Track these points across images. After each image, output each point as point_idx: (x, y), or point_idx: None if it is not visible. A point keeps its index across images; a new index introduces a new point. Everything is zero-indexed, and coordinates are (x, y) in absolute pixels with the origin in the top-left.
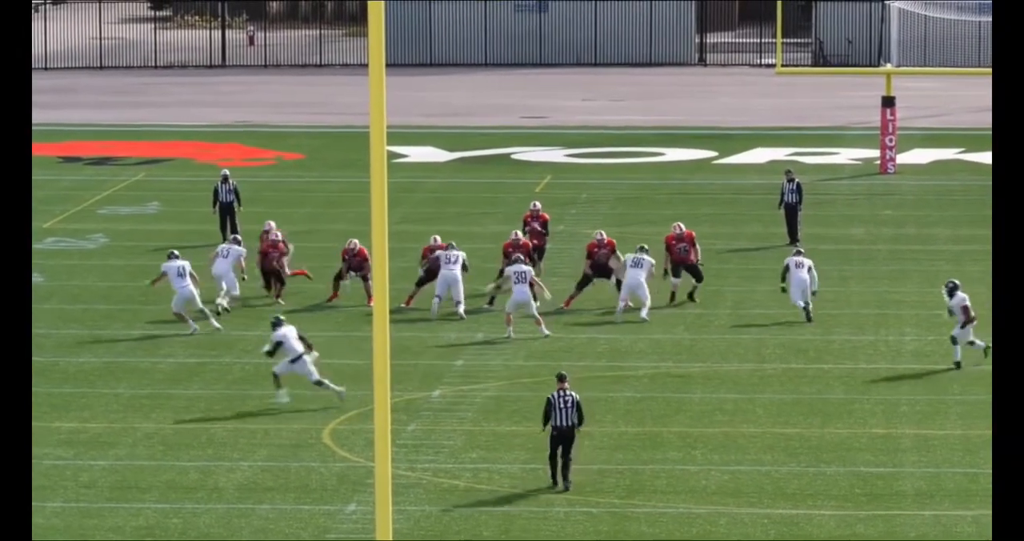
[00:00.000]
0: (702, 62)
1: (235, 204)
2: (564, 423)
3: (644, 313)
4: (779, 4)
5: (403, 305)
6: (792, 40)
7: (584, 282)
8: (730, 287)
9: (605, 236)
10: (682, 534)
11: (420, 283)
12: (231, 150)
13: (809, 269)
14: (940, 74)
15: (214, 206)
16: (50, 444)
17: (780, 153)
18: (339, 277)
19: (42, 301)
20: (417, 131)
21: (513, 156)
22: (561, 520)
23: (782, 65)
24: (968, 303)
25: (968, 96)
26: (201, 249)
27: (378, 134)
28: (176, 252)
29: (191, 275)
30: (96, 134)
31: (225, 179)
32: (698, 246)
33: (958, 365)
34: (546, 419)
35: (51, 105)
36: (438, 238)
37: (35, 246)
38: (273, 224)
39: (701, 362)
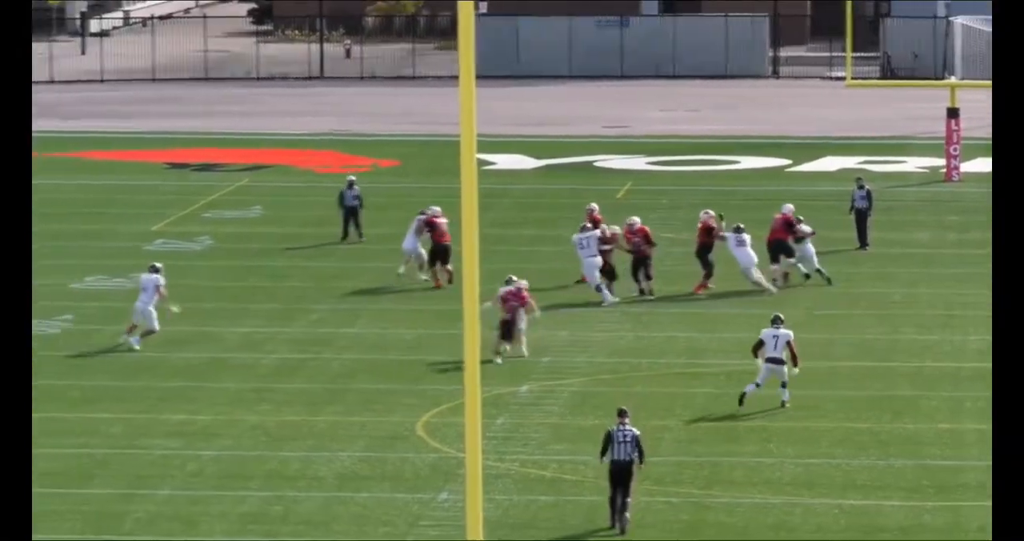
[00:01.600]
0: (775, 75)
1: (359, 208)
2: (623, 457)
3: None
4: (848, 20)
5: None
6: (861, 54)
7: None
8: (803, 289)
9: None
10: (758, 523)
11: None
12: (329, 157)
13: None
14: None
15: (340, 209)
16: (159, 435)
17: (850, 161)
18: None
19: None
20: (505, 139)
21: (596, 163)
22: (642, 510)
23: (851, 78)
24: None
25: None
26: (305, 250)
27: (468, 142)
28: (158, 266)
29: (159, 290)
30: (202, 142)
31: (351, 185)
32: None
33: None
34: (603, 451)
35: (159, 114)
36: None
37: (144, 248)
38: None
39: None
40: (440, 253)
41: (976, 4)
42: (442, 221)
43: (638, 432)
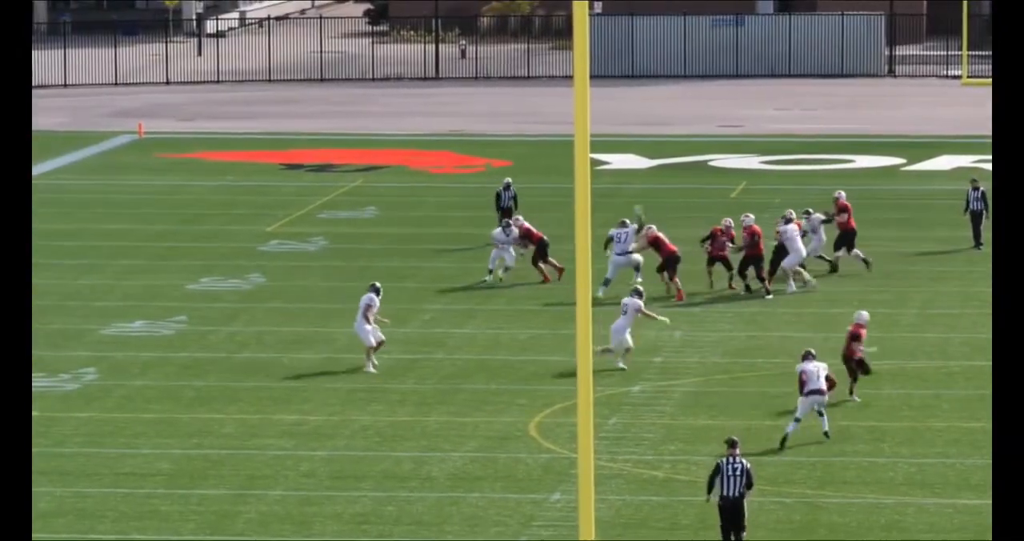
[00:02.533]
0: (891, 73)
1: (513, 209)
2: (732, 493)
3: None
4: (965, 18)
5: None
6: (978, 52)
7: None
8: (917, 288)
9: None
10: (871, 523)
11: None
12: (443, 158)
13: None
14: None
15: (497, 210)
16: (272, 435)
17: (965, 160)
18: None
19: (265, 300)
20: (619, 139)
21: (710, 163)
22: (755, 510)
23: (968, 76)
24: None
25: None
26: (418, 251)
27: (582, 142)
28: (377, 285)
29: (370, 309)
30: (317, 142)
31: (507, 187)
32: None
33: None
34: (710, 486)
35: (275, 115)
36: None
37: (259, 248)
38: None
39: (889, 360)
40: (540, 249)
41: None
42: (525, 224)
43: (749, 464)
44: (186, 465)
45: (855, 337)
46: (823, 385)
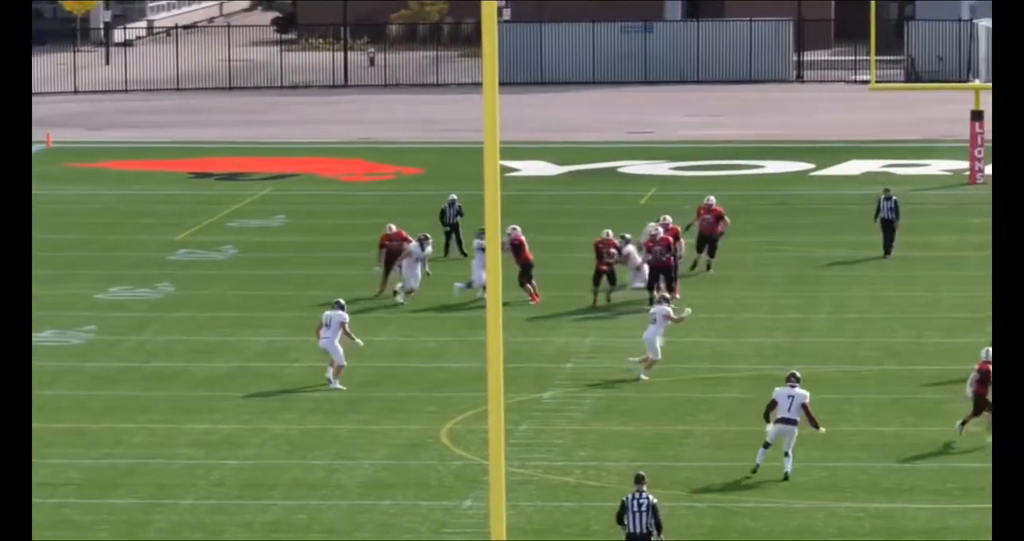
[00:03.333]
0: (800, 79)
1: (460, 225)
2: (640, 530)
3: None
4: (873, 23)
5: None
6: (885, 57)
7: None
8: (828, 293)
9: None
10: (782, 527)
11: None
12: (353, 165)
13: None
14: None
15: (443, 225)
16: (183, 444)
17: (874, 165)
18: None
19: (175, 310)
20: (529, 146)
21: (620, 169)
22: (667, 515)
23: (876, 81)
24: None
25: None
26: (329, 259)
27: (492, 149)
28: (342, 302)
29: (343, 326)
30: (226, 151)
31: (452, 203)
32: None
33: None
34: (619, 520)
35: (183, 124)
36: (392, 227)
37: (168, 257)
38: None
39: (800, 364)
40: (525, 271)
41: None
42: (520, 236)
43: (655, 500)
44: (96, 475)
45: (984, 375)
46: (794, 415)
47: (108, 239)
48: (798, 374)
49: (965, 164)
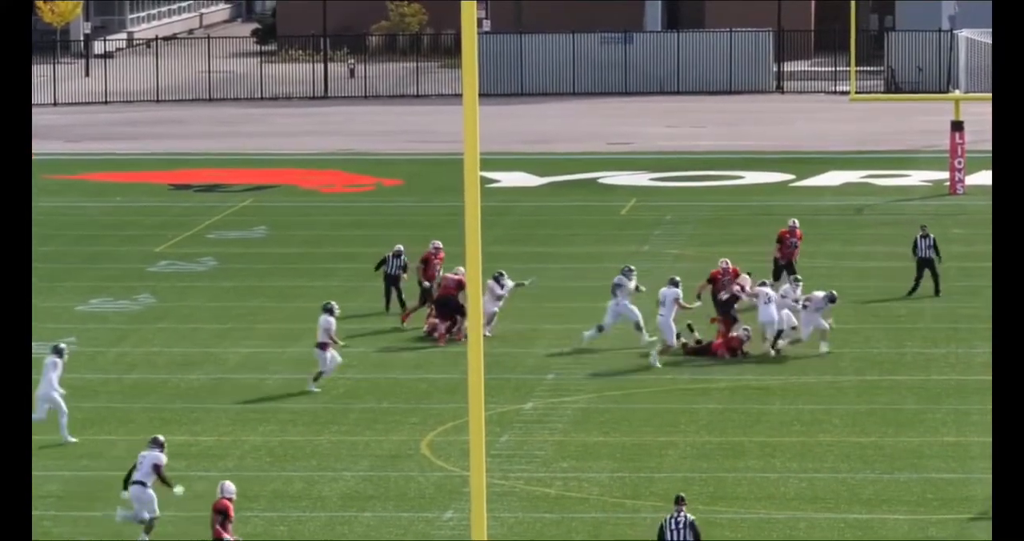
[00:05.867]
0: (780, 89)
1: (401, 279)
2: None
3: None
4: (853, 34)
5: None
6: (865, 68)
7: None
8: None
9: (730, 265)
10: (762, 539)
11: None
12: (333, 177)
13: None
14: None
15: (377, 268)
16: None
17: (854, 176)
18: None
19: (155, 321)
20: (509, 157)
21: (600, 180)
22: (648, 526)
23: (856, 92)
24: None
25: None
26: (308, 270)
27: (472, 160)
28: (61, 346)
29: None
30: (206, 162)
31: (398, 254)
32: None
33: None
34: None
35: (163, 135)
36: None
37: (148, 269)
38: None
39: (779, 375)
40: (441, 302)
41: (980, 17)
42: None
43: (693, 517)
44: (77, 487)
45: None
46: None
47: (88, 251)
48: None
49: (945, 175)
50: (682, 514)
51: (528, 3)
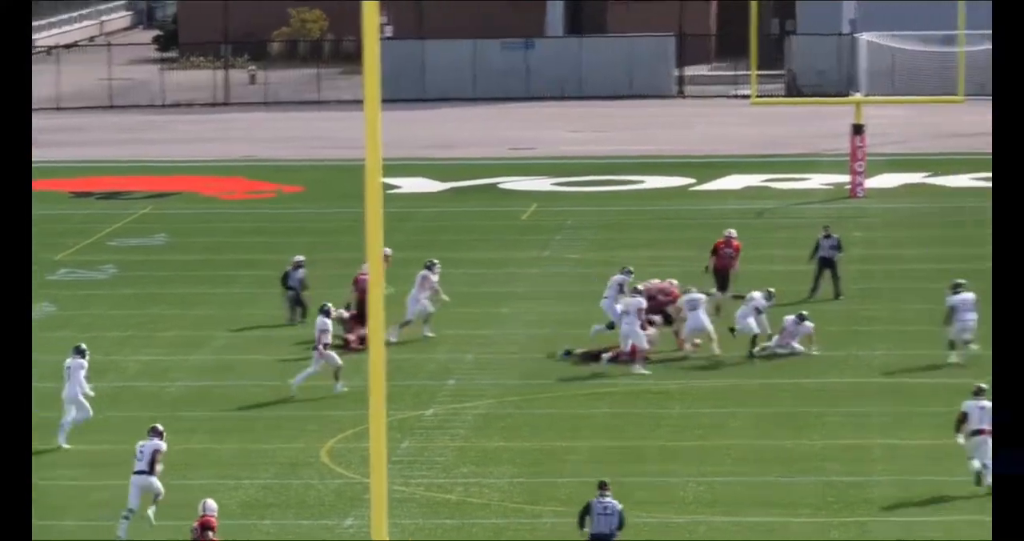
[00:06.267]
0: (681, 94)
1: (300, 291)
2: (605, 530)
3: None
4: (753, 38)
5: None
6: (766, 72)
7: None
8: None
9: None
10: None
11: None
12: (234, 184)
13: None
14: (907, 102)
15: (283, 289)
16: (65, 465)
17: (755, 179)
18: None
19: (55, 329)
20: (410, 163)
21: (501, 185)
22: (549, 530)
23: (757, 96)
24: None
25: (933, 123)
26: (210, 277)
27: (373, 166)
28: (83, 347)
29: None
30: (106, 170)
31: (297, 266)
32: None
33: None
34: (581, 522)
35: (63, 143)
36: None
37: (48, 277)
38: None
39: (678, 380)
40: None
41: (881, 20)
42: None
43: (621, 506)
44: None
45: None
46: (988, 426)
47: None
48: (984, 386)
49: (846, 178)
50: (610, 500)
51: (430, 9)
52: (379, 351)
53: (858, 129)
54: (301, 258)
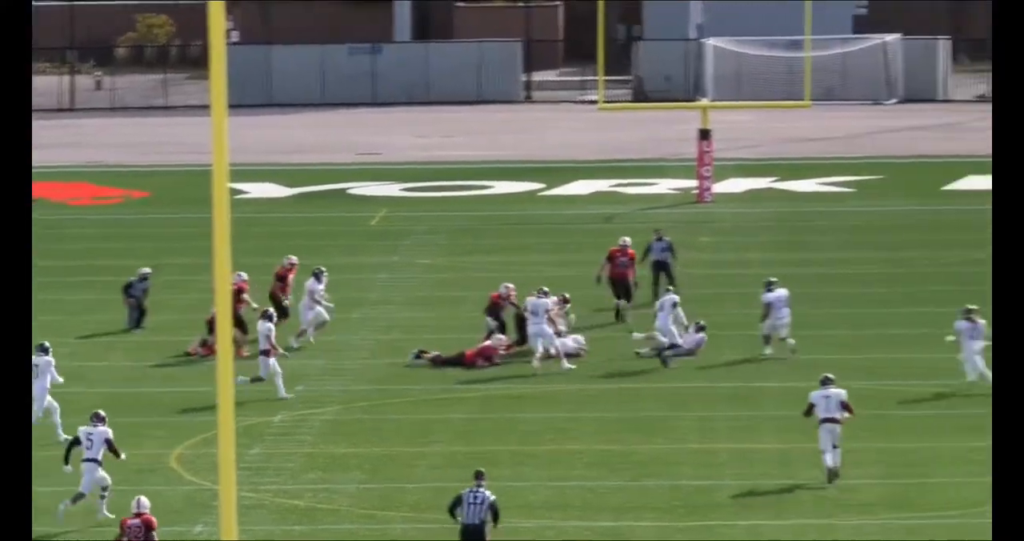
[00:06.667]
0: (529, 99)
1: (143, 300)
2: (474, 520)
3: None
4: (600, 43)
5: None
6: (614, 77)
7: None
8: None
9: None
10: None
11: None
12: (80, 189)
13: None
14: (753, 107)
15: (125, 297)
16: None
17: (603, 184)
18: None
19: None
20: (258, 168)
21: (350, 191)
22: (398, 536)
23: (604, 101)
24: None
25: (779, 128)
26: (56, 284)
27: (220, 171)
28: (46, 345)
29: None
30: None
31: (144, 277)
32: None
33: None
34: (452, 513)
35: None
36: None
37: None
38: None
39: (532, 384)
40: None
41: (727, 26)
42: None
43: (493, 497)
44: None
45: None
46: (837, 414)
47: None
48: (831, 376)
49: (693, 183)
50: (482, 490)
51: (276, 14)
52: (227, 357)
53: (705, 134)
54: (147, 270)
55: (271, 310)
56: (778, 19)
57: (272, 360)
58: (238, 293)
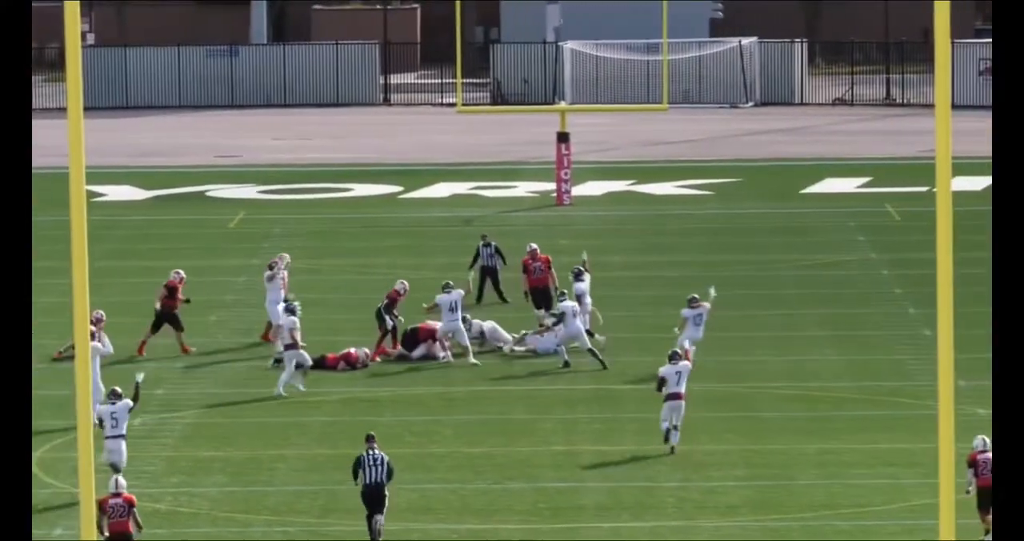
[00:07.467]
0: (387, 102)
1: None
2: (374, 480)
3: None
4: (458, 46)
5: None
6: (472, 80)
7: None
8: (413, 316)
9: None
10: None
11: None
12: None
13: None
14: (611, 111)
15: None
16: None
17: (462, 187)
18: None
19: None
20: (114, 171)
21: (208, 193)
22: (259, 537)
23: (462, 104)
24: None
25: (637, 131)
26: None
27: (77, 174)
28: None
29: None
30: None
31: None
32: (554, 271)
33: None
34: (355, 474)
35: None
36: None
37: None
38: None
39: (389, 387)
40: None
41: (584, 29)
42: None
43: (387, 457)
44: None
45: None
46: (682, 389)
47: None
48: (680, 351)
49: (551, 185)
50: (377, 451)
51: (132, 16)
52: (85, 359)
53: (563, 137)
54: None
55: (295, 304)
56: (635, 22)
57: (302, 352)
58: (172, 291)
